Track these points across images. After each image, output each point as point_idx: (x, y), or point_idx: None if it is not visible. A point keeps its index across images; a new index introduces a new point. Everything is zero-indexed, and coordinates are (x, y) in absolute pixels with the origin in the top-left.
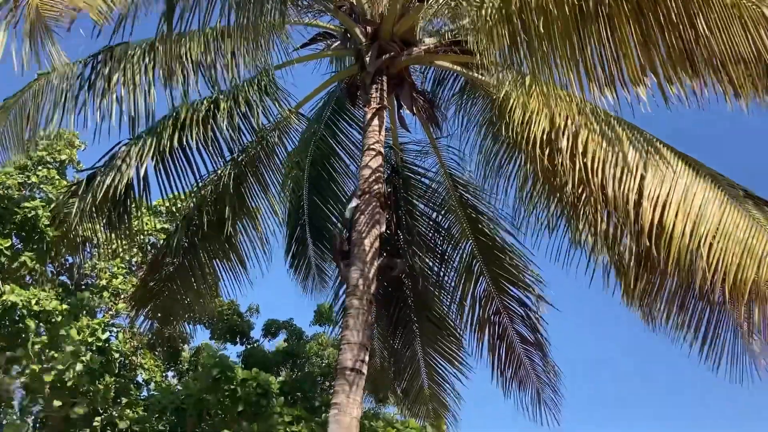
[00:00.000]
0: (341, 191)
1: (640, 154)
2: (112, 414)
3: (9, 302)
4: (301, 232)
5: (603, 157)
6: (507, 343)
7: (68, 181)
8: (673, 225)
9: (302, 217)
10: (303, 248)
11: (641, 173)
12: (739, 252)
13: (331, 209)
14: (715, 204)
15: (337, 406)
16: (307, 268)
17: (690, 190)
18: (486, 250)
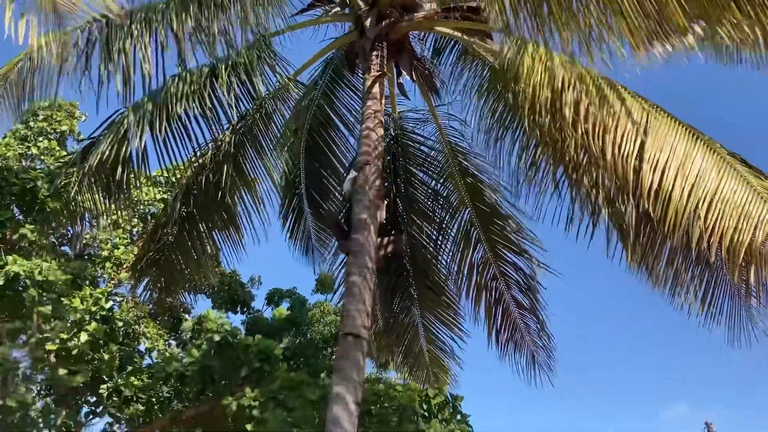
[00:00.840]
0: (339, 161)
1: (641, 119)
2: (117, 382)
3: (12, 273)
4: (298, 201)
5: (604, 122)
6: (503, 308)
7: (68, 152)
8: (672, 188)
9: (299, 187)
10: (300, 218)
11: (641, 138)
12: (736, 216)
13: (328, 179)
14: (714, 169)
15: (339, 370)
16: (305, 237)
17: (689, 156)
18: (484, 217)
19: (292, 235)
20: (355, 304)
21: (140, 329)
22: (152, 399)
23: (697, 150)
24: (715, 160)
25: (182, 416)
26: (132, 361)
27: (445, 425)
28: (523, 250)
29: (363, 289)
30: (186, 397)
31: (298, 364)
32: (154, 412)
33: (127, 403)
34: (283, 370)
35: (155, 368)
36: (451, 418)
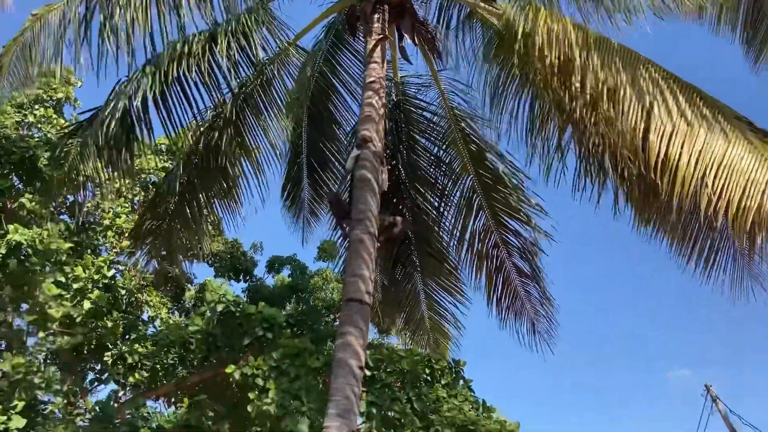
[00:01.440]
0: (340, 128)
1: (648, 86)
2: (121, 349)
3: (13, 242)
4: (298, 171)
5: (612, 89)
6: (504, 276)
7: (66, 120)
8: (679, 157)
9: (300, 157)
10: (299, 188)
11: (648, 105)
12: (742, 182)
13: (330, 147)
14: (721, 136)
15: (343, 336)
16: (301, 207)
17: (696, 122)
18: (486, 184)
19: (292, 204)
20: (357, 270)
21: (143, 298)
22: (156, 366)
23: (704, 117)
24: (723, 124)
25: (186, 383)
26: (136, 329)
27: (448, 390)
28: (526, 216)
29: (365, 256)
30: (190, 364)
31: (301, 331)
32: (159, 378)
33: (131, 370)
34: (286, 337)
35: (159, 336)
36: (454, 383)
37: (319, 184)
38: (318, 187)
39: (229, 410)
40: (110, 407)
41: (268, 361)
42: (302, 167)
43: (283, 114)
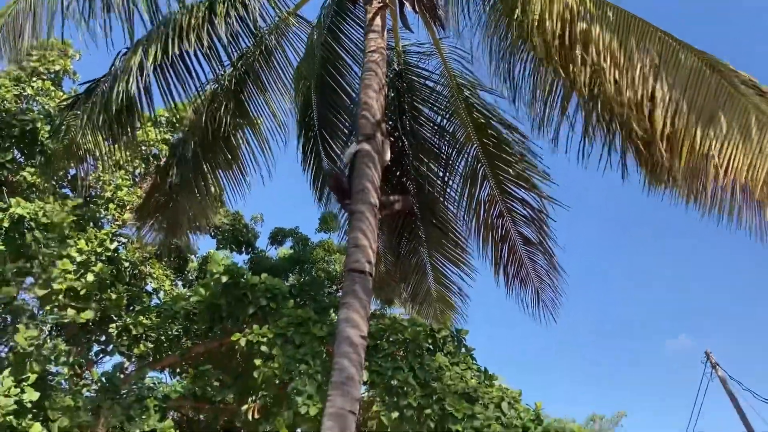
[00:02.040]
0: (348, 97)
1: (654, 54)
2: (125, 321)
3: (16, 215)
4: (314, 143)
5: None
6: (509, 246)
7: (64, 93)
8: (685, 127)
9: (313, 130)
10: (317, 160)
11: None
12: (750, 152)
13: (339, 118)
14: (728, 105)
15: (346, 305)
16: (323, 180)
17: (702, 90)
18: (491, 153)
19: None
20: (358, 240)
21: (146, 270)
22: (161, 337)
23: (712, 84)
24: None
25: (191, 353)
26: (140, 301)
27: (450, 358)
28: (531, 184)
29: (366, 226)
30: (194, 334)
31: (304, 301)
32: (164, 349)
33: (136, 342)
34: (289, 307)
35: (163, 307)
36: (456, 351)
37: (331, 157)
38: (331, 160)
39: (234, 379)
40: (116, 378)
41: (272, 329)
42: (317, 140)
43: (285, 85)
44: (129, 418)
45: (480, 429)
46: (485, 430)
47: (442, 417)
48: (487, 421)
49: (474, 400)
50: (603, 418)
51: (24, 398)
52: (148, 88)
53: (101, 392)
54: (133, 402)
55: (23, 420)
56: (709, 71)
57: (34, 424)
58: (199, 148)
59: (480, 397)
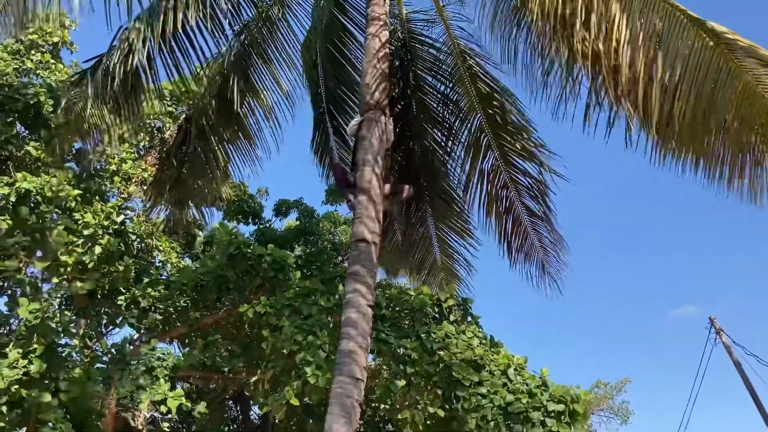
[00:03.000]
0: (356, 71)
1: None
2: (134, 293)
3: (23, 190)
4: (321, 119)
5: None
6: (514, 217)
7: (64, 65)
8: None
9: (321, 105)
10: (325, 136)
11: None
12: (759, 122)
13: (347, 92)
14: (735, 71)
15: (353, 276)
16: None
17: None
18: (495, 123)
19: (317, 151)
20: (365, 210)
21: (153, 243)
22: (169, 309)
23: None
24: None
25: (200, 324)
26: (147, 274)
27: (457, 326)
28: (534, 155)
29: (373, 195)
30: (203, 306)
31: (310, 273)
32: (172, 321)
33: (145, 314)
34: (296, 278)
35: (171, 279)
36: (462, 319)
37: (339, 132)
38: (339, 135)
39: (243, 349)
40: (126, 349)
41: (280, 300)
42: (324, 116)
43: (290, 57)
44: (139, 387)
45: (487, 395)
46: (492, 396)
47: (449, 384)
48: (493, 387)
49: (480, 367)
50: (607, 385)
51: (31, 369)
52: (152, 62)
53: (111, 363)
54: (143, 372)
55: (32, 391)
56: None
57: (44, 395)
58: (206, 122)
59: (486, 365)
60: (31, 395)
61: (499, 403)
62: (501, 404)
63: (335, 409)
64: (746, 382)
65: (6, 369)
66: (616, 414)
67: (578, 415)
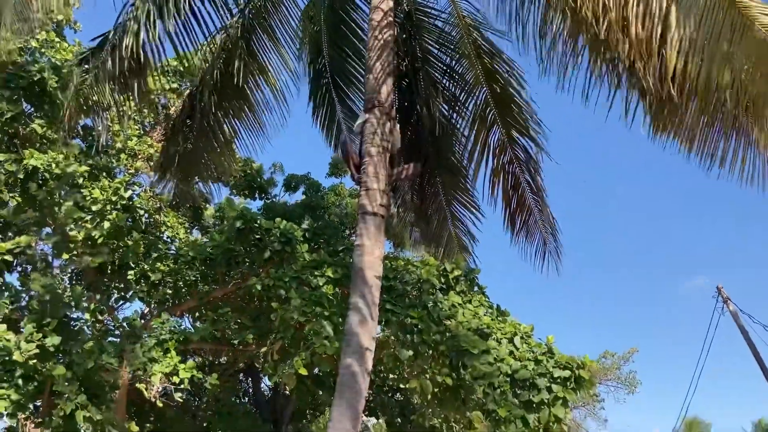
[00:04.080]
0: (361, 41)
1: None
2: (143, 268)
3: (30, 166)
4: (326, 89)
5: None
6: (519, 193)
7: (69, 44)
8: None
9: (326, 75)
10: (329, 107)
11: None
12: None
13: (352, 63)
14: (744, 42)
15: (360, 247)
16: (339, 128)
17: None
18: (500, 98)
19: (321, 123)
20: (371, 182)
21: (161, 218)
22: (179, 283)
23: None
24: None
25: (210, 298)
26: (156, 248)
27: (463, 296)
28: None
29: (379, 168)
30: (212, 279)
31: (318, 245)
32: (182, 295)
33: (155, 288)
34: (304, 251)
35: (180, 253)
36: (468, 289)
37: (345, 102)
38: (345, 106)
39: (253, 322)
40: (137, 323)
41: (288, 272)
42: (329, 88)
43: (293, 29)
44: (151, 360)
45: (493, 363)
46: (498, 364)
47: (456, 353)
48: (500, 355)
49: (487, 336)
50: (615, 355)
51: (47, 343)
52: (158, 38)
53: (123, 337)
54: (154, 345)
55: (48, 363)
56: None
57: (59, 367)
58: (212, 97)
59: (493, 333)
60: (46, 368)
61: (505, 371)
62: (507, 371)
63: (345, 379)
64: (753, 350)
65: (24, 343)
66: (623, 384)
67: (584, 380)
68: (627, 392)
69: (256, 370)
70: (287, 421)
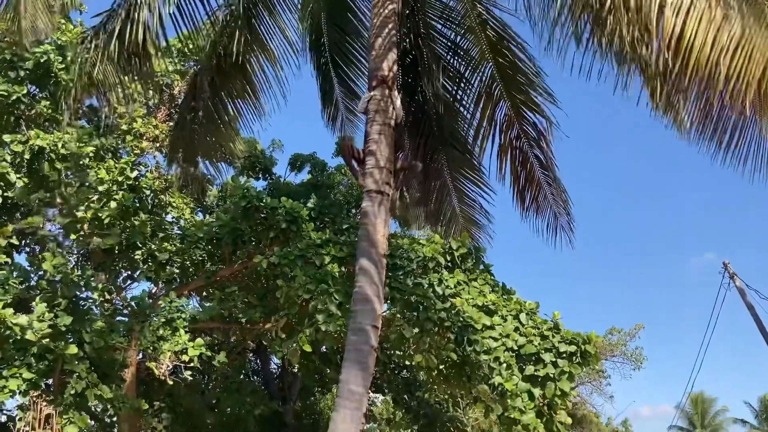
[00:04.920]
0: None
1: None
2: (150, 248)
3: (36, 147)
4: (326, 69)
5: None
6: (527, 169)
7: (74, 25)
8: (695, 34)
9: (325, 54)
10: (328, 85)
11: None
12: (762, 61)
13: (352, 42)
14: (740, 12)
15: (365, 226)
16: (337, 108)
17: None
18: (506, 73)
19: (325, 106)
20: (376, 161)
21: (166, 199)
22: (186, 262)
23: None
24: None
25: (216, 277)
26: (163, 228)
27: (469, 274)
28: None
29: (384, 146)
30: (218, 259)
31: (323, 224)
32: (189, 274)
33: (162, 267)
34: (309, 230)
35: (187, 233)
36: (474, 268)
37: (345, 82)
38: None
39: (260, 300)
40: (145, 302)
41: (294, 251)
42: (328, 67)
43: (295, 5)
44: (160, 338)
45: (498, 339)
46: (504, 339)
47: (461, 329)
48: (505, 331)
49: (493, 312)
50: (621, 331)
51: (58, 322)
52: (159, 16)
53: (132, 316)
54: (163, 324)
55: (59, 342)
56: None
57: (70, 346)
58: (215, 77)
59: (498, 310)
60: (57, 347)
61: (511, 346)
62: (513, 347)
63: (351, 356)
64: (759, 326)
65: (36, 322)
66: (629, 359)
67: (589, 355)
68: (633, 368)
69: (264, 348)
70: (295, 398)
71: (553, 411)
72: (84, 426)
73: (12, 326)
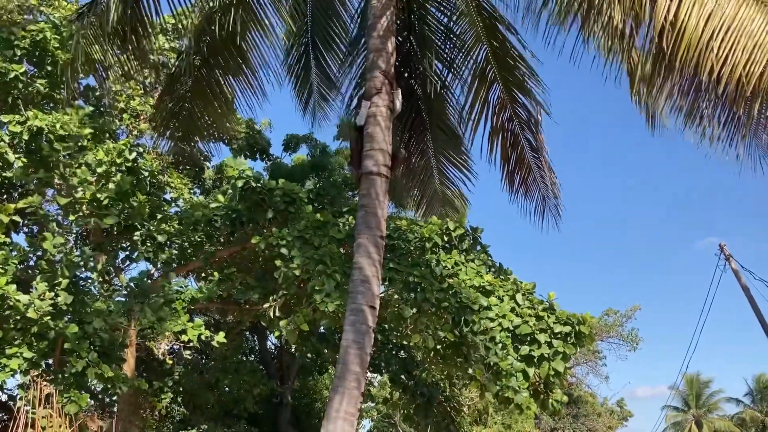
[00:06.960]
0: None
1: None
2: (149, 229)
3: (35, 127)
4: (304, 50)
5: None
6: (518, 151)
7: (68, 1)
8: (688, 18)
9: (306, 35)
10: (307, 71)
11: None
12: (750, 47)
13: (333, 25)
14: None
15: (364, 207)
16: (311, 90)
17: None
18: (500, 56)
19: (300, 88)
20: (375, 144)
21: (164, 179)
22: (185, 244)
23: None
24: None
25: (215, 258)
26: (161, 210)
27: (466, 255)
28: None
29: (382, 129)
30: (217, 240)
31: (322, 206)
32: (188, 255)
33: (160, 248)
34: (307, 211)
35: (185, 214)
36: (471, 248)
37: (322, 66)
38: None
39: (258, 281)
40: (144, 283)
41: (292, 232)
42: (308, 47)
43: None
44: (160, 319)
45: (495, 319)
46: (500, 319)
47: (458, 309)
48: (501, 311)
49: (489, 293)
50: (617, 313)
51: (59, 301)
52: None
53: (131, 297)
54: (162, 305)
55: (60, 321)
56: None
57: (71, 326)
58: (209, 53)
59: (495, 290)
60: (58, 326)
61: (506, 326)
62: (509, 327)
63: (349, 336)
64: (754, 307)
65: (37, 300)
66: (625, 341)
67: (584, 336)
68: (629, 349)
69: (262, 328)
70: (293, 378)
71: (549, 390)
72: (84, 405)
73: (15, 303)
